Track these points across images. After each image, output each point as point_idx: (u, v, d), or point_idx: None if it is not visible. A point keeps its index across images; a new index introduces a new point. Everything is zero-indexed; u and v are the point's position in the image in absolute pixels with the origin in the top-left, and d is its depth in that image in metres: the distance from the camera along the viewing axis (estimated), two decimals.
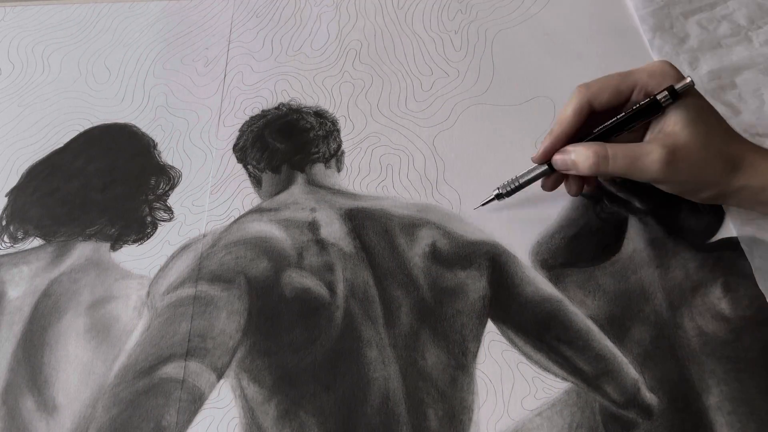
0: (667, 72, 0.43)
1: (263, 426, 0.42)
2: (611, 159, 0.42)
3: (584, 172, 0.44)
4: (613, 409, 0.41)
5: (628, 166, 0.42)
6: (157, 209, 0.52)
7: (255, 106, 0.58)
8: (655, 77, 0.43)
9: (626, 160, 0.42)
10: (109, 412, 0.42)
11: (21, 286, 0.48)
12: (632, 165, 0.42)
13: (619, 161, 0.42)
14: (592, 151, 0.43)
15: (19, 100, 0.60)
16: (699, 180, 0.43)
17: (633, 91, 0.44)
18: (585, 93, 0.44)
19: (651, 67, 0.44)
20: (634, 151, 0.42)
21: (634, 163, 0.42)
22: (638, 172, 0.42)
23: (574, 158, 0.44)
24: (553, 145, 0.45)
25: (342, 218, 0.50)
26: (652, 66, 0.44)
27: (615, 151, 0.42)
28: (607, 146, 0.43)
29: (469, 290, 0.46)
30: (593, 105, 0.44)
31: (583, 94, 0.44)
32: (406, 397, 0.42)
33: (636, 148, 0.42)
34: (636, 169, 0.42)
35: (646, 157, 0.42)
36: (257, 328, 0.45)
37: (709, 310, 0.45)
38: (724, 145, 0.42)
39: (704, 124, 0.42)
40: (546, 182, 0.48)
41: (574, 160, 0.44)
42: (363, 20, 0.64)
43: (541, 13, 0.63)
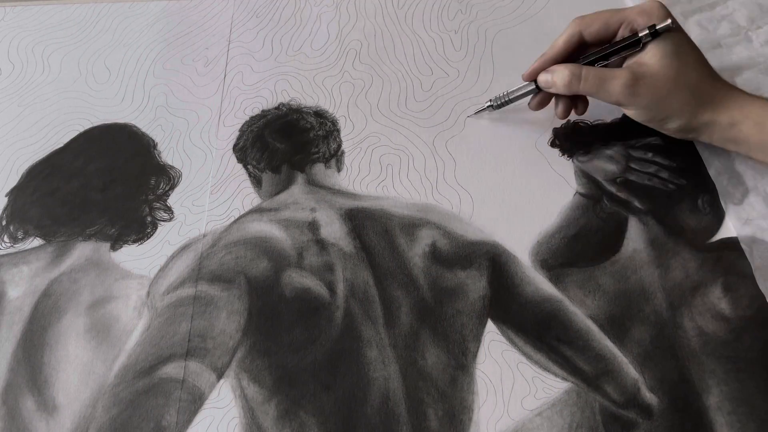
0: (655, 11, 0.47)
1: (263, 426, 0.42)
2: (583, 78, 0.47)
3: (560, 89, 0.49)
4: (613, 409, 0.41)
5: (596, 86, 0.47)
6: (157, 209, 0.52)
7: (255, 106, 0.58)
8: (644, 15, 0.47)
9: (595, 80, 0.47)
10: (109, 412, 0.42)
11: (21, 286, 0.48)
12: (600, 86, 0.47)
13: (589, 81, 0.47)
14: (568, 70, 0.48)
15: (19, 100, 0.60)
16: (662, 108, 0.47)
17: (621, 25, 0.48)
18: (578, 23, 0.49)
19: (642, 6, 0.48)
20: (604, 74, 0.47)
21: (602, 84, 0.47)
22: (604, 93, 0.47)
23: (553, 76, 0.49)
24: (541, 65, 0.50)
25: (342, 218, 0.50)
26: (643, 5, 0.48)
27: (587, 72, 0.47)
28: (582, 67, 0.47)
29: (469, 290, 0.46)
30: (584, 35, 0.49)
31: (576, 24, 0.49)
32: (406, 397, 0.42)
33: (606, 72, 0.47)
34: (602, 90, 0.47)
35: (613, 80, 0.46)
36: (257, 328, 0.45)
37: (709, 310, 0.45)
38: (695, 80, 0.46)
39: (678, 59, 0.46)
40: (532, 101, 0.52)
41: (553, 77, 0.49)
42: (363, 20, 0.64)
43: (541, 13, 0.63)
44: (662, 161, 0.52)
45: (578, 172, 0.52)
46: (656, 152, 0.52)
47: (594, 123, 0.55)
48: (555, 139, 0.54)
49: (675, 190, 0.51)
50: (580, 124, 0.55)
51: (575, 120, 0.55)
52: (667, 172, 0.51)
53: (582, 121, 0.55)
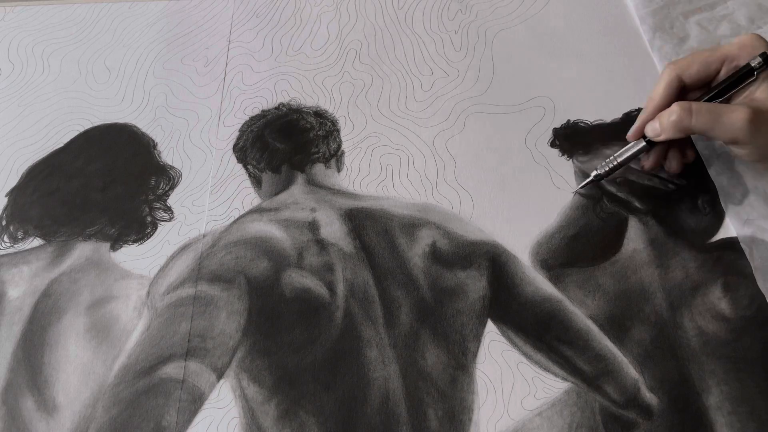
0: (756, 44, 0.44)
1: (263, 426, 0.42)
2: (695, 113, 0.43)
3: (669, 130, 0.44)
4: (613, 409, 0.41)
5: (711, 121, 0.42)
6: (157, 209, 0.52)
7: (255, 106, 0.58)
8: (745, 49, 0.44)
9: (710, 115, 0.42)
10: (109, 412, 0.42)
11: (21, 286, 0.48)
12: (715, 121, 0.42)
13: (702, 115, 0.43)
14: (676, 105, 0.44)
15: (19, 100, 0.60)
16: None
17: (723, 63, 0.45)
18: (674, 68, 0.46)
19: (740, 40, 0.45)
20: (718, 108, 0.43)
21: (718, 119, 0.42)
22: (720, 129, 0.43)
23: (661, 119, 0.45)
24: (644, 121, 0.47)
25: (342, 218, 0.50)
26: (740, 39, 0.45)
27: (699, 107, 0.43)
28: (691, 102, 0.43)
29: (469, 290, 0.46)
30: (683, 78, 0.45)
31: (672, 69, 0.46)
32: (406, 397, 0.42)
33: (720, 106, 0.43)
34: (719, 125, 0.42)
35: (731, 114, 0.42)
36: (257, 328, 0.45)
37: (709, 310, 0.45)
38: None
39: None
40: (645, 161, 0.49)
41: (660, 120, 0.45)
42: (363, 20, 0.64)
43: (541, 13, 0.63)
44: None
45: (578, 172, 0.52)
46: None
47: (594, 123, 0.55)
48: (555, 139, 0.54)
49: (675, 190, 0.51)
50: (580, 124, 0.55)
51: (575, 120, 0.55)
52: (667, 172, 0.51)
53: (582, 121, 0.55)
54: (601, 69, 0.58)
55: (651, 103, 0.46)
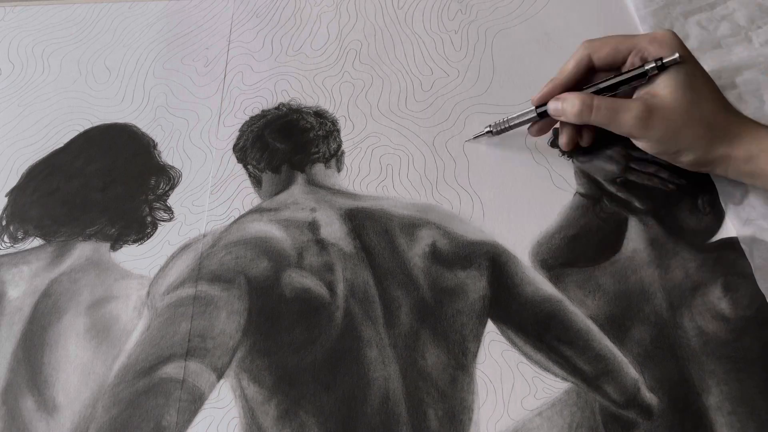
0: (667, 41, 0.45)
1: (263, 426, 0.42)
2: (595, 109, 0.46)
3: (570, 119, 0.47)
4: (613, 409, 0.41)
5: (608, 117, 0.45)
6: (157, 209, 0.52)
7: (255, 106, 0.58)
8: (655, 44, 0.46)
9: (608, 111, 0.45)
10: (109, 412, 0.42)
11: (21, 286, 0.48)
12: (612, 117, 0.45)
13: (601, 112, 0.46)
14: (579, 99, 0.46)
15: (19, 100, 0.60)
16: (675, 142, 0.45)
17: (631, 52, 0.46)
18: (588, 46, 0.48)
19: (653, 34, 0.46)
20: (616, 105, 0.45)
21: (614, 115, 0.45)
22: (616, 125, 0.46)
23: (563, 105, 0.47)
24: (550, 91, 0.49)
25: (342, 218, 0.50)
26: (655, 33, 0.46)
27: (599, 102, 0.46)
28: (594, 97, 0.46)
29: (469, 290, 0.46)
30: (593, 59, 0.47)
31: (585, 47, 0.48)
32: (406, 397, 0.42)
33: (619, 103, 0.45)
34: (614, 121, 0.45)
35: (626, 112, 0.45)
36: (257, 328, 0.45)
37: (709, 310, 0.45)
38: (709, 113, 0.44)
39: (692, 91, 0.44)
40: (533, 127, 0.51)
41: (563, 106, 0.47)
42: (363, 20, 0.64)
43: (541, 13, 0.63)
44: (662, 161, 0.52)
45: (578, 172, 0.52)
46: None
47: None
48: (555, 139, 0.54)
49: (675, 190, 0.51)
50: None
51: None
52: (667, 172, 0.51)
53: None
54: None
55: (560, 76, 0.49)
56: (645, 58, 0.46)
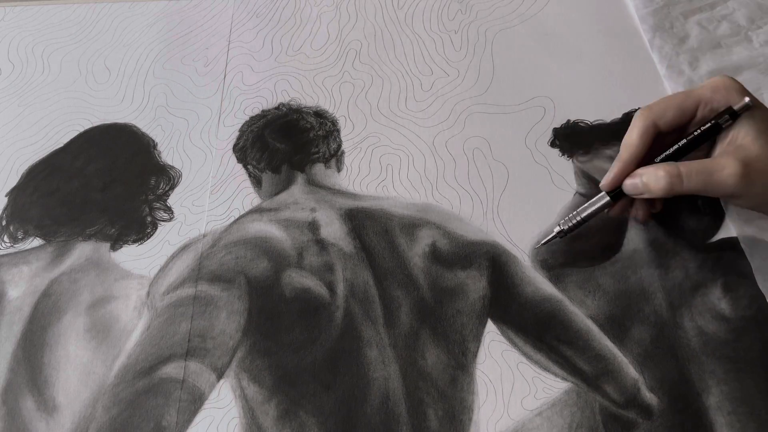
0: (729, 86, 0.43)
1: (263, 426, 0.42)
2: (685, 177, 0.41)
3: (658, 194, 0.43)
4: (613, 409, 0.41)
5: (703, 182, 0.41)
6: (157, 209, 0.52)
7: (255, 106, 0.58)
8: (719, 92, 0.43)
9: (700, 176, 0.41)
10: (109, 412, 0.42)
11: (21, 286, 0.48)
12: (707, 181, 0.41)
13: (693, 179, 0.41)
14: (664, 171, 0.42)
15: (19, 100, 0.60)
16: None
17: (698, 107, 0.44)
18: (648, 114, 0.44)
19: (713, 83, 0.44)
20: (707, 167, 0.41)
21: (709, 179, 0.41)
22: (714, 188, 0.42)
23: (645, 180, 0.43)
24: (622, 171, 0.44)
25: (342, 218, 0.50)
26: (713, 81, 0.44)
27: (688, 169, 0.42)
28: (678, 165, 0.42)
29: (469, 290, 0.46)
30: (658, 125, 0.44)
31: (646, 116, 0.44)
32: (406, 397, 0.42)
33: (709, 164, 0.42)
34: (711, 185, 0.41)
35: (721, 171, 0.41)
36: (257, 328, 0.45)
37: (709, 310, 0.45)
38: None
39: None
40: (612, 210, 0.47)
41: (645, 183, 0.43)
42: (363, 20, 0.64)
43: (541, 13, 0.63)
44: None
45: (578, 172, 0.52)
46: None
47: (594, 123, 0.55)
48: (555, 139, 0.54)
49: None
50: (580, 124, 0.55)
51: (575, 120, 0.55)
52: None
53: (582, 121, 0.55)
54: (601, 69, 0.58)
55: (626, 151, 0.44)
56: (714, 109, 0.43)
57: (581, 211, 0.45)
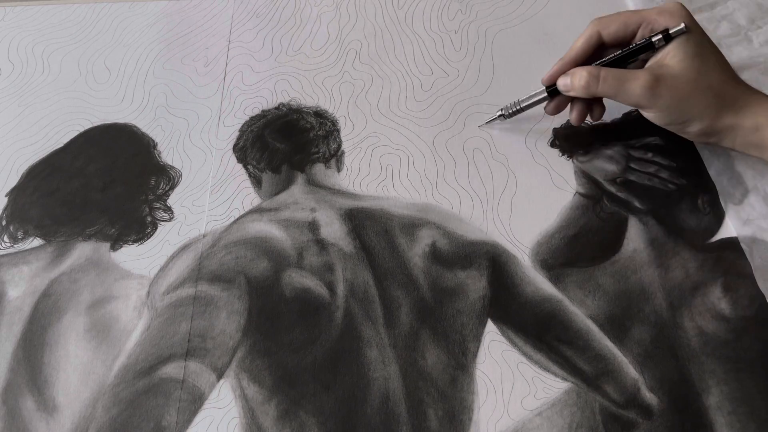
0: (675, 11, 0.46)
1: (263, 426, 0.42)
2: (602, 80, 0.46)
3: (578, 91, 0.47)
4: (613, 409, 0.41)
5: (615, 87, 0.46)
6: (157, 209, 0.52)
7: (255, 106, 0.58)
8: (664, 15, 0.46)
9: (614, 81, 0.45)
10: (109, 412, 0.42)
11: (21, 286, 0.48)
12: (619, 87, 0.45)
13: (608, 82, 0.46)
14: (586, 71, 0.47)
15: (19, 100, 0.60)
16: (683, 110, 0.45)
17: (640, 26, 0.47)
18: (596, 24, 0.48)
19: (662, 6, 0.47)
20: (623, 75, 0.45)
21: (621, 85, 0.45)
22: (623, 95, 0.46)
23: (571, 78, 0.47)
24: (560, 69, 0.49)
25: (342, 218, 0.50)
26: (663, 5, 0.47)
27: (606, 74, 0.46)
28: (601, 68, 0.46)
29: (469, 290, 0.46)
30: (602, 35, 0.48)
31: (594, 25, 0.48)
32: (406, 397, 0.42)
33: (626, 73, 0.46)
34: (621, 91, 0.45)
35: (633, 81, 0.45)
36: (257, 328, 0.45)
37: (709, 310, 0.45)
38: (717, 82, 0.45)
39: (700, 60, 0.45)
40: (549, 106, 0.51)
41: (571, 80, 0.47)
42: (363, 20, 0.64)
43: (541, 13, 0.63)
44: (662, 161, 0.52)
45: (578, 172, 0.52)
46: (656, 152, 0.52)
47: (594, 123, 0.55)
48: (555, 139, 0.54)
49: (675, 190, 0.51)
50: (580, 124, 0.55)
51: None
52: (667, 172, 0.51)
53: None
54: None
55: (569, 54, 0.49)
56: (654, 30, 0.46)
57: (522, 101, 0.52)
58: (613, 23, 0.47)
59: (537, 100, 0.51)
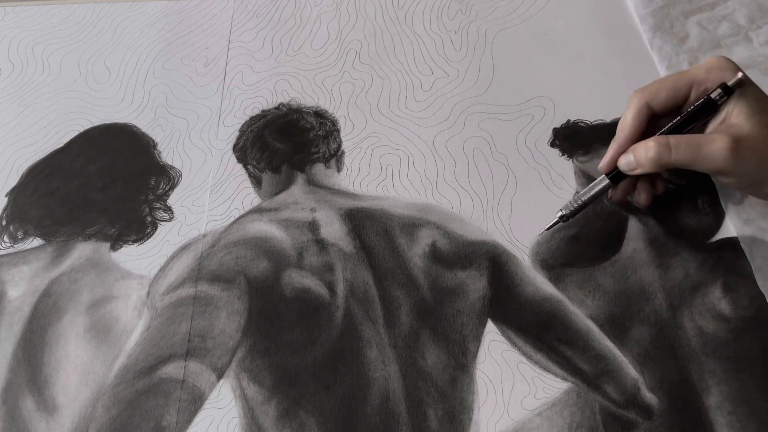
0: (723, 66, 0.43)
1: (263, 426, 0.42)
2: (674, 148, 0.41)
3: (647, 166, 0.42)
4: (613, 409, 0.41)
5: (692, 155, 0.41)
6: (157, 209, 0.52)
7: (255, 106, 0.58)
8: (712, 72, 0.43)
9: (690, 148, 0.41)
10: (109, 412, 0.42)
11: (21, 286, 0.48)
12: (697, 153, 0.41)
13: (682, 149, 0.41)
14: (654, 141, 0.42)
15: (19, 100, 0.60)
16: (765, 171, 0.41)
17: (691, 88, 0.44)
18: (642, 95, 0.44)
19: (707, 63, 0.44)
20: (698, 140, 0.41)
21: (699, 151, 0.41)
22: (702, 162, 0.41)
23: (636, 153, 0.43)
24: (617, 151, 0.45)
25: (342, 218, 0.50)
26: (708, 62, 0.44)
27: (677, 141, 0.41)
28: (668, 137, 0.42)
29: (469, 290, 0.46)
30: (652, 106, 0.44)
31: (639, 97, 0.44)
32: (406, 397, 0.42)
33: (699, 138, 0.41)
34: (700, 158, 0.41)
35: (711, 145, 0.40)
36: (257, 328, 0.45)
37: (709, 310, 0.45)
38: None
39: (766, 115, 0.41)
40: (614, 194, 0.47)
41: (637, 155, 0.43)
42: (363, 20, 0.64)
43: (541, 13, 0.63)
44: None
45: (578, 172, 0.52)
46: None
47: (594, 123, 0.55)
48: (555, 139, 0.54)
49: (675, 190, 0.51)
50: (580, 124, 0.55)
51: (575, 120, 0.55)
52: (667, 172, 0.51)
53: (582, 121, 0.55)
54: (601, 69, 0.58)
55: (621, 133, 0.45)
56: (708, 89, 0.43)
57: (582, 194, 0.46)
58: (662, 91, 0.44)
59: (600, 190, 0.45)
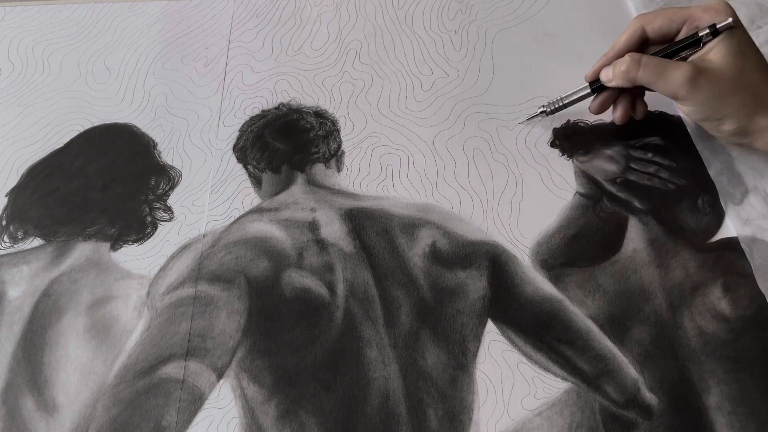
0: (721, 9, 0.46)
1: (263, 426, 0.42)
2: (643, 66, 0.46)
3: (619, 80, 0.47)
4: (613, 409, 0.41)
5: (655, 75, 0.45)
6: (157, 209, 0.52)
7: (255, 106, 0.58)
8: (709, 12, 0.46)
9: (656, 68, 0.45)
10: (109, 412, 0.42)
11: (21, 286, 0.48)
12: (659, 75, 0.45)
13: (649, 68, 0.45)
14: (629, 56, 0.46)
15: (19, 100, 0.60)
16: (721, 107, 0.45)
17: (685, 22, 0.47)
18: (640, 19, 0.48)
19: (707, 4, 0.47)
20: (665, 63, 0.45)
21: (662, 73, 0.45)
22: (663, 83, 0.45)
23: (612, 68, 0.47)
24: (603, 63, 0.49)
25: (342, 218, 0.50)
26: (708, 3, 0.47)
27: (648, 60, 0.46)
28: (642, 55, 0.46)
29: (469, 290, 0.46)
30: (646, 30, 0.48)
31: (637, 20, 0.48)
32: (406, 397, 0.42)
33: (667, 62, 0.46)
34: (661, 79, 0.45)
35: (675, 70, 0.45)
36: (257, 328, 0.45)
37: (709, 310, 0.45)
38: (757, 82, 0.44)
39: (743, 58, 0.45)
40: (593, 104, 0.51)
41: (613, 68, 0.47)
42: (363, 20, 0.64)
43: (541, 13, 0.63)
44: (662, 161, 0.52)
45: (578, 172, 0.52)
46: (656, 152, 0.52)
47: (594, 123, 0.55)
48: (555, 139, 0.54)
49: (675, 190, 0.51)
50: (580, 124, 0.55)
51: (575, 120, 0.55)
52: (667, 172, 0.51)
53: (582, 121, 0.55)
54: None
55: (612, 49, 0.49)
56: (700, 27, 0.46)
57: (564, 97, 0.52)
58: (658, 19, 0.47)
59: (580, 96, 0.51)
